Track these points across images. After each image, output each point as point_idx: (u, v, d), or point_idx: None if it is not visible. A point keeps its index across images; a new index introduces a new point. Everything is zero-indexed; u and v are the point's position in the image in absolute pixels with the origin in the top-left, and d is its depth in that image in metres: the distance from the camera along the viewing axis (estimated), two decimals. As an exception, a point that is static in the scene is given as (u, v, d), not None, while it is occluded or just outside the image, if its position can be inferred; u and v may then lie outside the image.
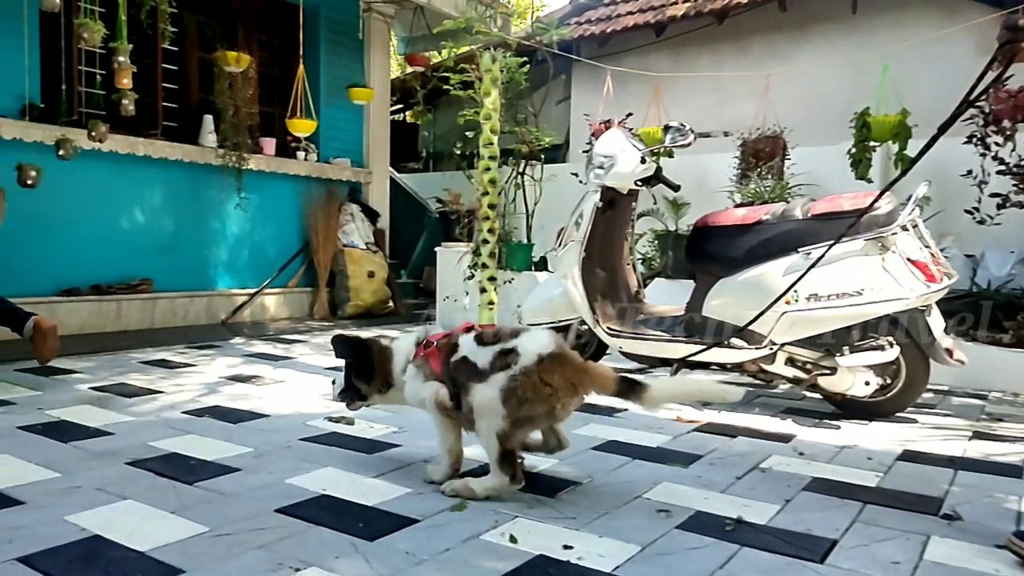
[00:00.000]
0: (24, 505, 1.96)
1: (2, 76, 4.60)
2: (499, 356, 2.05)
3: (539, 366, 2.01)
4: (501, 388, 2.00)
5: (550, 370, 2.01)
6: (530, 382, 1.99)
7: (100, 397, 3.32)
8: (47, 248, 5.01)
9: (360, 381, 2.38)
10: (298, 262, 6.75)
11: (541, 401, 2.00)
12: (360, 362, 2.37)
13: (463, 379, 2.10)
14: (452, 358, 2.15)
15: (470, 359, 2.10)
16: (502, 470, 2.04)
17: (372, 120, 7.30)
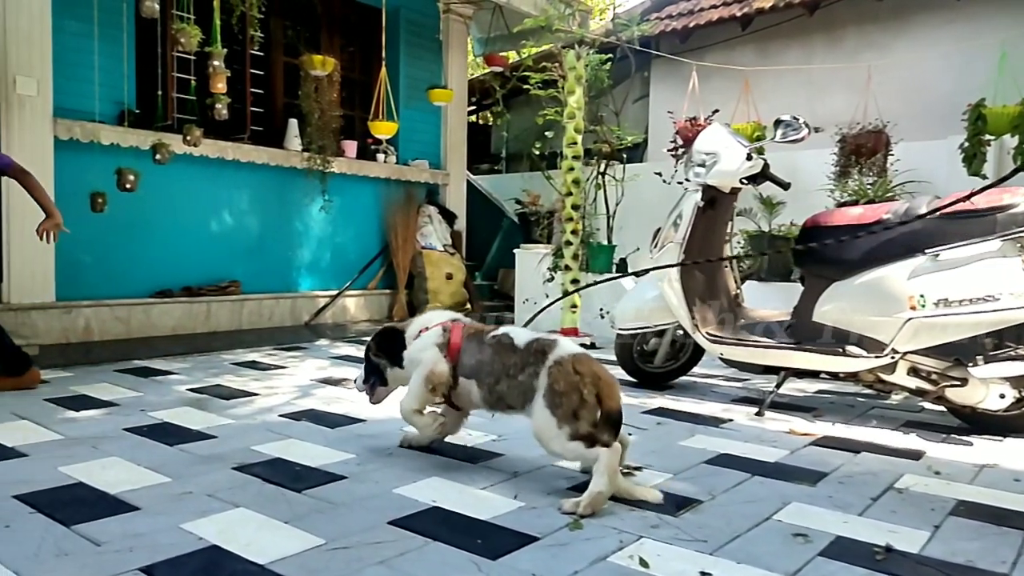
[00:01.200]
0: (140, 511, 1.95)
1: (103, 83, 4.73)
2: (535, 343, 2.25)
3: (573, 358, 2.16)
4: (544, 397, 2.13)
5: (580, 362, 2.15)
6: (563, 373, 2.12)
7: (198, 399, 3.35)
8: (142, 251, 5.14)
9: (381, 357, 2.55)
10: (378, 264, 6.78)
11: (575, 388, 2.09)
12: (391, 348, 2.52)
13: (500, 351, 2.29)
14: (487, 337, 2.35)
15: (510, 335, 2.31)
16: (595, 447, 2.06)
17: (450, 121, 7.28)
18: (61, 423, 2.83)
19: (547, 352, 2.18)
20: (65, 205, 4.64)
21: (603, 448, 2.04)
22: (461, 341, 2.38)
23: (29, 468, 2.28)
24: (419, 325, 2.51)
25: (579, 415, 2.09)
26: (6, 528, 1.81)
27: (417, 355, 2.42)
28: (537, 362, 2.19)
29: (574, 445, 2.08)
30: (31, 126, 4.45)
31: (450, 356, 2.38)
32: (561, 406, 2.09)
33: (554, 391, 2.11)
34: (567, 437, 2.08)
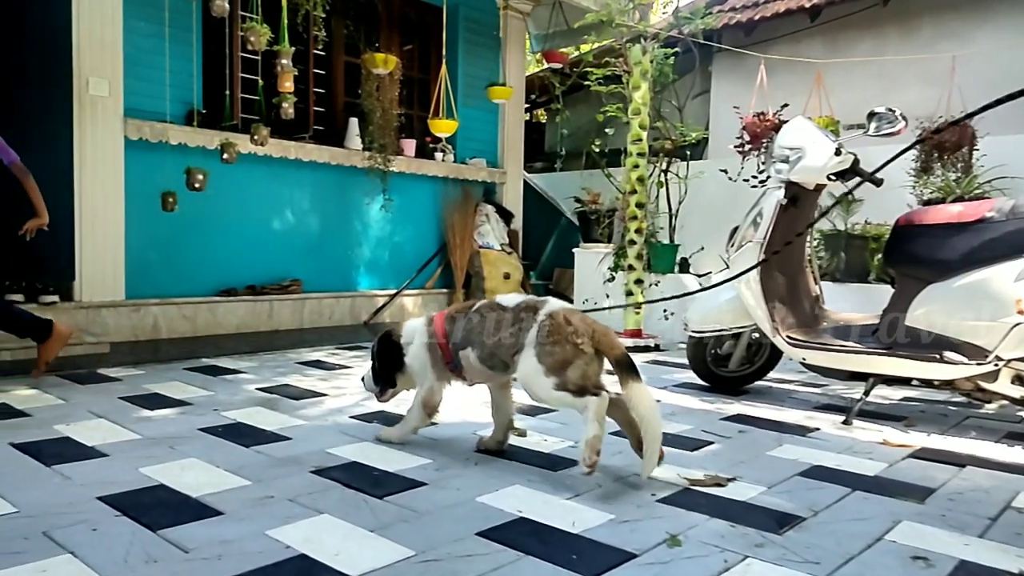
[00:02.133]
0: (224, 516, 1.91)
1: (171, 84, 4.77)
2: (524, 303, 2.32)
3: (564, 311, 2.25)
4: (535, 349, 2.21)
5: (571, 313, 2.25)
6: (555, 323, 2.21)
7: (268, 399, 3.33)
8: (208, 249, 5.18)
9: (385, 369, 2.61)
10: (435, 263, 6.74)
11: (566, 340, 2.17)
12: (393, 353, 2.58)
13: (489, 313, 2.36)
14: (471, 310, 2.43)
15: (496, 300, 2.39)
16: (584, 396, 2.17)
17: (507, 119, 7.19)
18: (137, 422, 2.83)
19: (538, 308, 2.28)
20: (135, 204, 4.72)
21: (592, 397, 2.16)
22: (444, 324, 2.48)
23: (110, 469, 2.27)
24: (410, 332, 2.59)
25: (570, 366, 2.18)
26: (93, 532, 1.79)
27: (416, 364, 2.54)
28: (528, 318, 2.27)
29: (560, 395, 2.19)
30: (103, 126, 4.51)
31: (440, 344, 2.47)
32: (552, 355, 2.18)
33: (545, 342, 2.20)
34: (553, 387, 2.19)
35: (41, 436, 2.59)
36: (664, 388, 3.79)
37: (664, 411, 3.23)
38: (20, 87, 5.09)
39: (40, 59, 4.77)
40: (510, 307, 2.34)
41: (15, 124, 5.16)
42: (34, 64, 4.87)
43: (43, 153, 4.83)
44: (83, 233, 4.50)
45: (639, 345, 5.06)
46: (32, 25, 4.93)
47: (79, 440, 2.56)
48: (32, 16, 4.92)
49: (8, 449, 2.43)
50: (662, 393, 3.65)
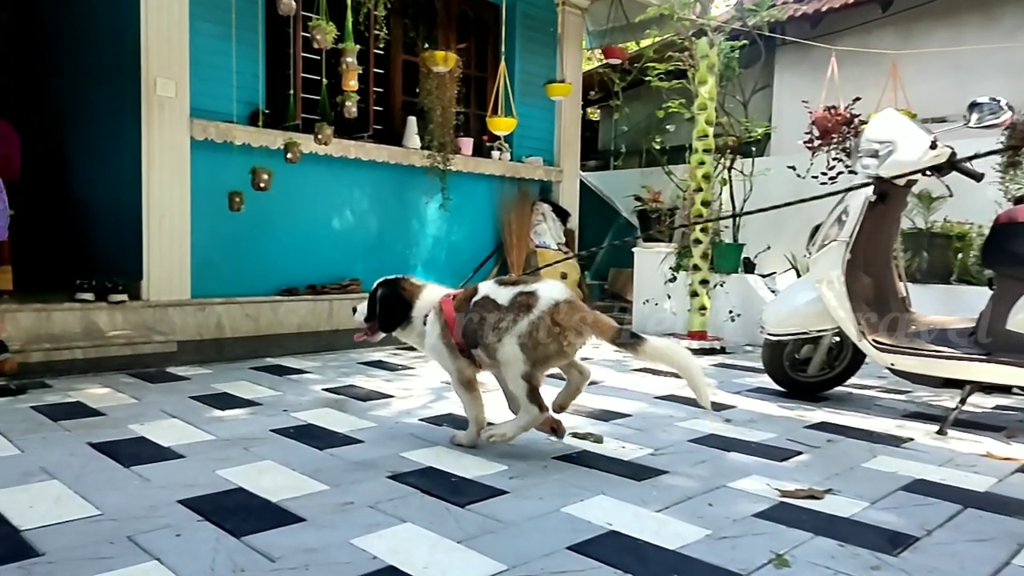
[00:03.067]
0: (306, 523, 1.86)
1: (235, 84, 4.81)
2: (519, 296, 2.36)
3: (553, 309, 2.31)
4: (519, 337, 2.31)
5: (560, 311, 2.30)
6: (544, 324, 2.29)
7: (336, 400, 3.30)
8: (271, 249, 5.21)
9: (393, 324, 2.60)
10: (492, 262, 6.68)
11: (553, 341, 2.30)
12: (399, 309, 2.59)
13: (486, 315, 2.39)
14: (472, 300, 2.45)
15: (491, 297, 2.41)
16: (532, 403, 2.36)
17: (563, 117, 7.11)
18: (210, 422, 2.82)
19: (531, 305, 2.33)
20: (200, 203, 4.77)
21: (536, 409, 2.37)
22: (455, 319, 2.49)
23: (188, 471, 2.25)
24: (425, 305, 2.58)
25: (545, 363, 2.35)
26: (177, 537, 1.75)
27: (436, 352, 2.55)
28: (519, 313, 2.34)
29: (522, 385, 2.35)
30: (170, 127, 4.56)
31: (451, 332, 2.49)
32: (535, 350, 2.31)
33: (533, 338, 2.30)
34: (521, 375, 2.33)
35: (117, 436, 2.59)
36: (738, 393, 3.64)
37: (742, 418, 3.11)
38: (90, 87, 5.19)
39: (109, 59, 4.85)
40: (504, 304, 2.38)
41: (86, 123, 5.27)
42: (103, 64, 4.96)
43: (112, 153, 4.91)
44: (150, 233, 4.56)
45: (704, 347, 4.90)
46: (101, 26, 5.01)
47: (155, 440, 2.55)
48: (101, 17, 5.01)
49: (86, 449, 2.43)
50: (736, 398, 3.51)
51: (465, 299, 2.49)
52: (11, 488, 2.03)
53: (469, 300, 2.46)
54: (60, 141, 5.62)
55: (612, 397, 3.48)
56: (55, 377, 3.55)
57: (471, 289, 2.51)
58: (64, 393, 3.24)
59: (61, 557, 1.62)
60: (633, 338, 2.32)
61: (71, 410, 2.94)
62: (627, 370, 4.23)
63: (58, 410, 2.93)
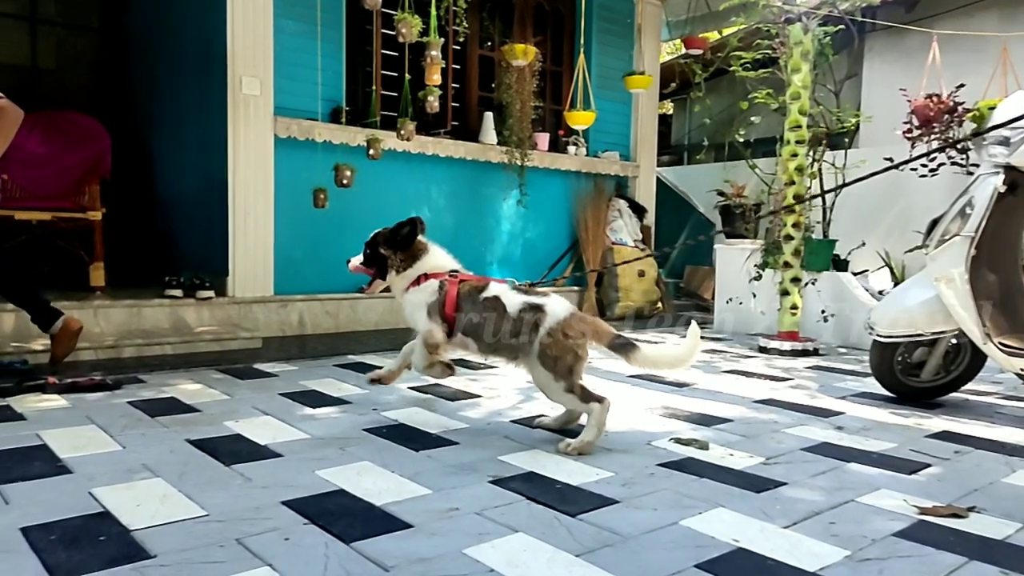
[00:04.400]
0: (414, 529, 1.78)
1: (317, 82, 4.82)
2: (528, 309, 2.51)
3: (561, 324, 2.47)
4: (539, 358, 2.47)
5: (570, 325, 2.47)
6: (555, 340, 2.45)
7: (424, 399, 3.24)
8: (349, 245, 5.17)
9: (390, 249, 2.70)
10: (567, 260, 6.56)
11: (568, 350, 2.45)
12: (406, 233, 2.71)
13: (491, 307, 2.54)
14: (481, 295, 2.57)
15: (502, 300, 2.54)
16: (590, 403, 2.47)
17: (640, 111, 6.93)
18: (302, 420, 2.79)
19: (539, 324, 2.47)
20: (283, 201, 4.80)
21: (596, 403, 2.46)
22: (456, 299, 2.58)
23: (287, 470, 2.21)
24: (424, 267, 2.69)
25: (573, 371, 2.47)
26: (286, 541, 1.69)
27: (413, 308, 2.66)
28: (530, 331, 2.48)
29: (570, 397, 2.48)
30: (255, 125, 4.60)
31: (448, 311, 2.59)
32: (557, 363, 2.45)
33: (548, 355, 2.45)
34: (563, 390, 2.47)
35: (214, 433, 2.58)
36: (842, 398, 3.43)
37: (854, 425, 2.91)
38: (177, 87, 5.28)
39: (196, 60, 4.93)
40: (512, 314, 2.51)
41: (173, 123, 5.38)
42: (190, 65, 5.04)
43: (199, 152, 4.99)
44: (235, 230, 4.61)
45: (796, 349, 4.67)
46: (189, 26, 5.10)
47: (251, 438, 2.53)
48: (189, 18, 5.09)
49: (185, 446, 2.42)
50: (843, 404, 3.30)
51: (474, 289, 2.60)
52: (117, 485, 2.02)
53: (478, 292, 2.59)
54: (147, 141, 5.75)
55: (708, 400, 3.32)
56: (148, 372, 3.59)
57: (480, 283, 2.62)
58: (158, 389, 3.27)
59: (173, 560, 1.57)
60: (627, 345, 2.50)
61: (166, 406, 2.96)
62: (718, 372, 4.05)
63: (154, 406, 2.95)
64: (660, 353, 2.55)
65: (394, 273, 2.70)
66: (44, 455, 2.27)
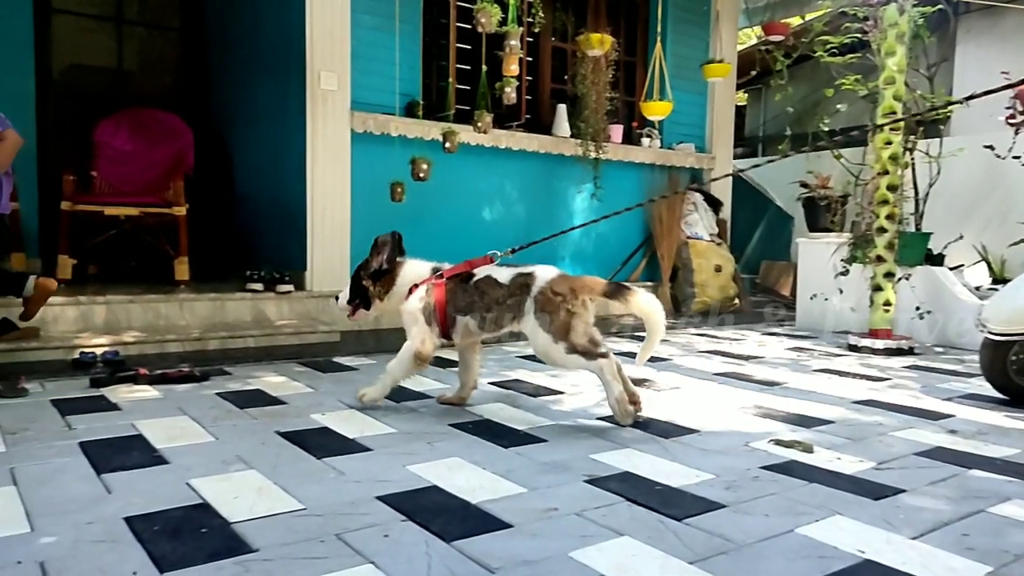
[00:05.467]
0: (514, 529, 1.72)
1: (392, 76, 4.82)
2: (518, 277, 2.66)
3: (549, 283, 2.58)
4: (535, 317, 2.57)
5: (557, 283, 2.58)
6: (546, 298, 2.55)
7: (505, 394, 3.18)
8: (423, 239, 5.14)
9: (369, 281, 2.78)
10: (640, 255, 6.42)
11: (558, 307, 2.53)
12: (375, 266, 2.77)
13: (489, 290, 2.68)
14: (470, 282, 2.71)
15: (492, 276, 2.70)
16: (596, 359, 2.56)
17: (716, 101, 6.72)
18: (387, 414, 2.76)
19: (529, 284, 2.61)
20: (359, 195, 4.81)
21: (602, 359, 2.55)
22: (445, 295, 2.70)
23: (378, 465, 2.17)
24: (410, 278, 2.79)
25: (571, 329, 2.53)
26: (385, 538, 1.65)
27: (407, 317, 2.74)
28: (522, 293, 2.60)
29: (574, 358, 2.55)
30: (332, 120, 4.63)
31: (438, 310, 2.70)
32: (552, 323, 2.53)
33: (541, 312, 2.55)
34: (565, 351, 2.54)
35: (302, 425, 2.57)
36: (949, 400, 3.21)
37: (968, 429, 2.71)
38: (256, 84, 5.36)
39: (275, 56, 4.99)
40: (505, 283, 2.65)
41: (252, 120, 5.47)
42: (269, 61, 5.10)
43: (277, 148, 5.05)
44: (314, 224, 4.64)
45: (890, 347, 4.43)
46: (268, 23, 5.16)
47: (338, 431, 2.51)
48: (268, 15, 5.16)
49: (276, 438, 2.41)
50: (952, 406, 3.09)
51: (460, 280, 2.73)
52: (213, 477, 2.02)
53: (466, 280, 2.72)
54: (227, 138, 5.87)
55: (803, 400, 3.16)
56: (232, 364, 3.64)
57: (466, 272, 2.75)
58: (243, 380, 3.30)
59: (276, 554, 1.55)
60: (622, 289, 2.58)
61: (253, 397, 2.98)
62: (808, 371, 3.87)
63: (242, 397, 2.97)
64: (656, 306, 2.61)
65: (379, 301, 2.81)
66: (141, 445, 2.29)
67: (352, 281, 2.87)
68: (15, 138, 3.38)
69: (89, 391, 3.00)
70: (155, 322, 4.10)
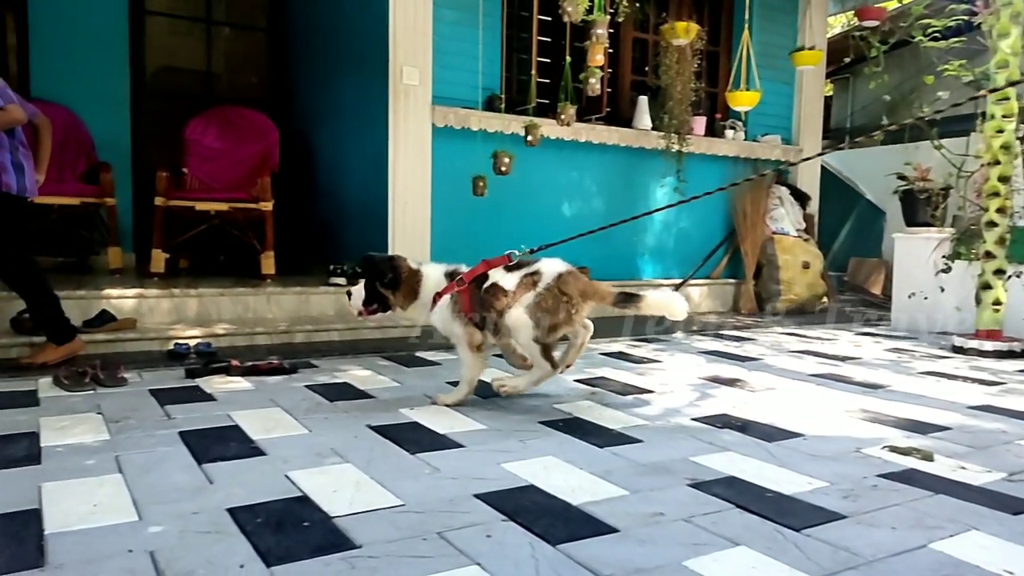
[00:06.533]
0: (620, 534, 1.64)
1: (472, 70, 4.80)
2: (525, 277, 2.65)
3: (557, 281, 2.60)
4: (527, 306, 2.60)
5: (566, 283, 2.60)
6: (551, 295, 2.57)
7: (593, 392, 3.10)
8: (502, 235, 5.14)
9: (387, 291, 2.75)
10: (722, 251, 6.22)
11: (560, 309, 2.58)
12: (392, 276, 2.74)
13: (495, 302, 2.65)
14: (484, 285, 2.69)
15: (499, 284, 2.67)
16: (546, 359, 2.68)
17: (804, 90, 6.44)
18: (474, 410, 2.72)
19: (536, 281, 2.63)
20: (440, 190, 4.81)
21: (548, 366, 2.69)
22: (470, 301, 2.69)
23: (472, 461, 2.13)
24: (432, 286, 2.76)
25: (555, 330, 2.63)
26: (489, 538, 1.59)
27: (444, 324, 2.75)
28: (527, 285, 2.63)
29: (534, 347, 2.65)
30: (414, 114, 4.63)
31: (469, 320, 2.71)
32: (545, 318, 2.59)
33: (541, 307, 2.58)
34: (533, 338, 2.62)
35: (392, 420, 2.55)
36: (1078, 407, 2.96)
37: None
38: (339, 81, 5.43)
39: (358, 52, 5.03)
40: (511, 289, 2.65)
41: (335, 117, 5.53)
42: (352, 58, 5.15)
43: (359, 144, 5.10)
44: (395, 220, 4.66)
45: (999, 350, 4.14)
46: (351, 20, 5.21)
47: (429, 426, 2.48)
48: (350, 11, 5.20)
49: (367, 432, 2.40)
50: (1081, 414, 2.84)
51: (477, 286, 2.71)
52: (310, 469, 2.01)
53: (479, 286, 2.70)
54: (310, 135, 5.96)
55: (912, 405, 2.96)
56: (318, 357, 3.67)
57: (481, 275, 2.72)
58: (331, 373, 3.32)
59: (380, 552, 1.51)
60: (632, 297, 2.64)
61: (342, 391, 2.99)
62: (912, 373, 3.64)
63: (330, 390, 2.98)
64: (669, 296, 2.71)
65: (400, 310, 2.81)
66: (238, 436, 2.31)
67: (367, 288, 2.78)
68: (17, 114, 3.16)
69: (184, 381, 3.07)
70: (244, 315, 4.18)
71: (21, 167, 3.22)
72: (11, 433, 2.28)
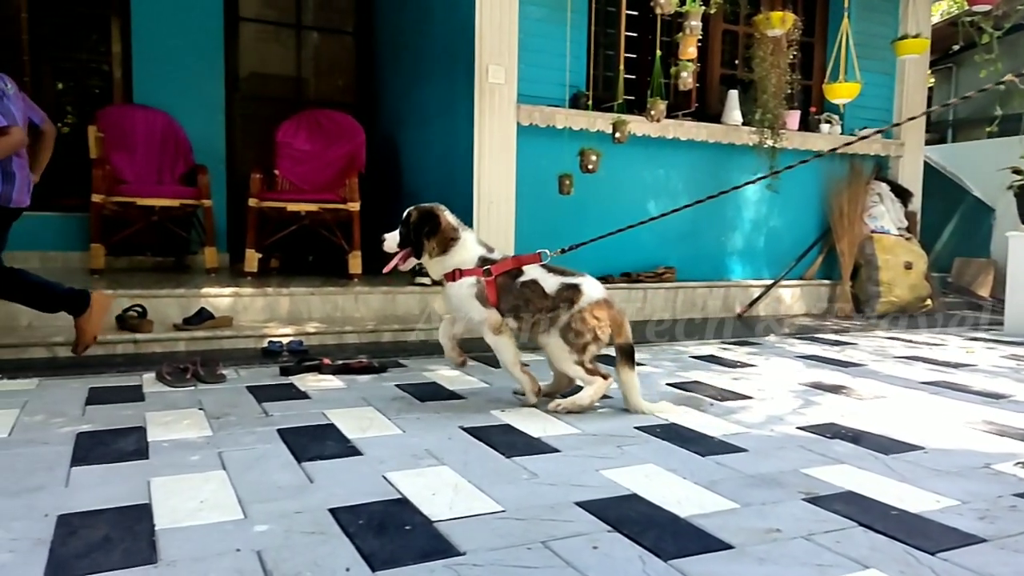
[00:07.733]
0: (735, 551, 1.54)
1: (558, 68, 4.74)
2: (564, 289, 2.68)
3: (593, 305, 2.66)
4: (561, 331, 2.64)
5: (599, 307, 2.67)
6: (582, 317, 2.64)
7: (687, 397, 2.98)
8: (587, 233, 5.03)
9: (424, 239, 2.71)
10: (816, 251, 5.94)
11: (591, 329, 2.64)
12: (430, 227, 2.71)
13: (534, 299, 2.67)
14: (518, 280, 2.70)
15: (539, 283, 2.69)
16: (592, 377, 2.68)
17: (907, 81, 6.09)
18: (567, 413, 2.65)
19: (574, 300, 2.65)
20: (525, 188, 4.76)
21: (599, 378, 2.67)
22: (496, 291, 2.67)
23: (570, 468, 2.06)
24: (458, 259, 2.70)
25: (588, 349, 2.65)
26: (595, 550, 1.53)
27: (461, 301, 2.69)
28: (566, 306, 2.65)
29: (579, 370, 2.66)
30: (499, 113, 4.60)
31: (492, 303, 2.68)
32: (579, 339, 2.63)
33: (573, 329, 2.63)
34: (575, 362, 2.65)
35: (484, 422, 2.51)
36: None
37: None
38: (424, 81, 5.45)
39: (444, 52, 5.03)
40: (551, 293, 2.66)
41: (420, 117, 5.57)
42: (438, 58, 5.16)
43: (444, 143, 5.10)
44: (480, 220, 4.63)
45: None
46: (436, 20, 5.22)
47: (522, 430, 2.43)
48: (437, 12, 5.22)
49: (461, 433, 2.37)
50: None
51: (510, 277, 2.69)
52: (407, 471, 1.98)
53: (514, 278, 2.68)
54: (395, 137, 6.02)
55: (1042, 417, 2.73)
56: (406, 356, 3.68)
57: (513, 268, 2.70)
58: (418, 373, 3.32)
59: (484, 560, 1.46)
60: (628, 358, 2.67)
61: (431, 391, 2.97)
62: None
63: (421, 390, 2.97)
64: (634, 385, 2.69)
65: (427, 256, 2.75)
66: (334, 435, 2.32)
67: (413, 233, 2.73)
68: (19, 137, 3.10)
69: (279, 379, 3.12)
70: (333, 314, 4.24)
71: (12, 176, 3.13)
72: (121, 427, 2.35)
